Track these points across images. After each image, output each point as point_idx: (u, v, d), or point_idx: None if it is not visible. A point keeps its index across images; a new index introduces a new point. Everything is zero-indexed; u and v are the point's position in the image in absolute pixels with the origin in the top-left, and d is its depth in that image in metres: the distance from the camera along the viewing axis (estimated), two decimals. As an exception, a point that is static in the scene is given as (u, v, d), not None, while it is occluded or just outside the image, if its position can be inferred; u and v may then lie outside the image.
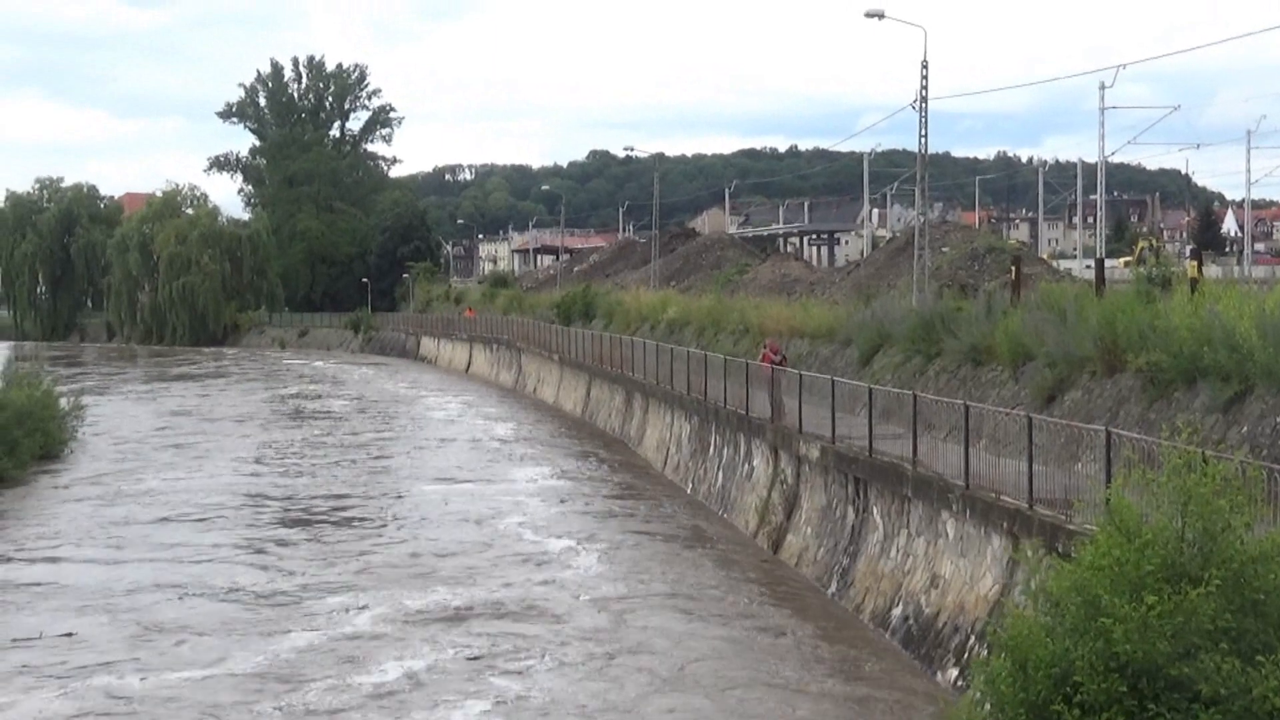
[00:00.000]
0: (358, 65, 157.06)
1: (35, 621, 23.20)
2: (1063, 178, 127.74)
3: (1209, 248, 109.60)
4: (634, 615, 23.57)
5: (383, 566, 27.59)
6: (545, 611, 23.76)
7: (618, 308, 69.27)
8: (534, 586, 25.68)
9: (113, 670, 20.45)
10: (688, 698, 19.07)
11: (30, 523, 33.38)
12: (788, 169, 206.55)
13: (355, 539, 30.93)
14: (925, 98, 40.69)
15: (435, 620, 23.13)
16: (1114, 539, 12.05)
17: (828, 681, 19.82)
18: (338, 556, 28.65)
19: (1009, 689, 11.96)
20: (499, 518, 33.11)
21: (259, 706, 18.64)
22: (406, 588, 25.48)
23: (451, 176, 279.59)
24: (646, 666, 20.51)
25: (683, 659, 20.85)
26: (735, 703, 18.87)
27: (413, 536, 30.99)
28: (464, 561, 28.03)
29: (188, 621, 23.27)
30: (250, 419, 59.06)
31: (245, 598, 25.07)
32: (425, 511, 34.34)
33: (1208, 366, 20.59)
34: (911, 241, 50.54)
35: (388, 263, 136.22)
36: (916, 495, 22.21)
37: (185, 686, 19.60)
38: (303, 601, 24.57)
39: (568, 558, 28.39)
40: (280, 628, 22.73)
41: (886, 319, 36.31)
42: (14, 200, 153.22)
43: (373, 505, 35.79)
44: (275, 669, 20.31)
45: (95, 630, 22.75)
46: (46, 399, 46.19)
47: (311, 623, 22.99)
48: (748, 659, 20.99)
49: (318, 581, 26.23)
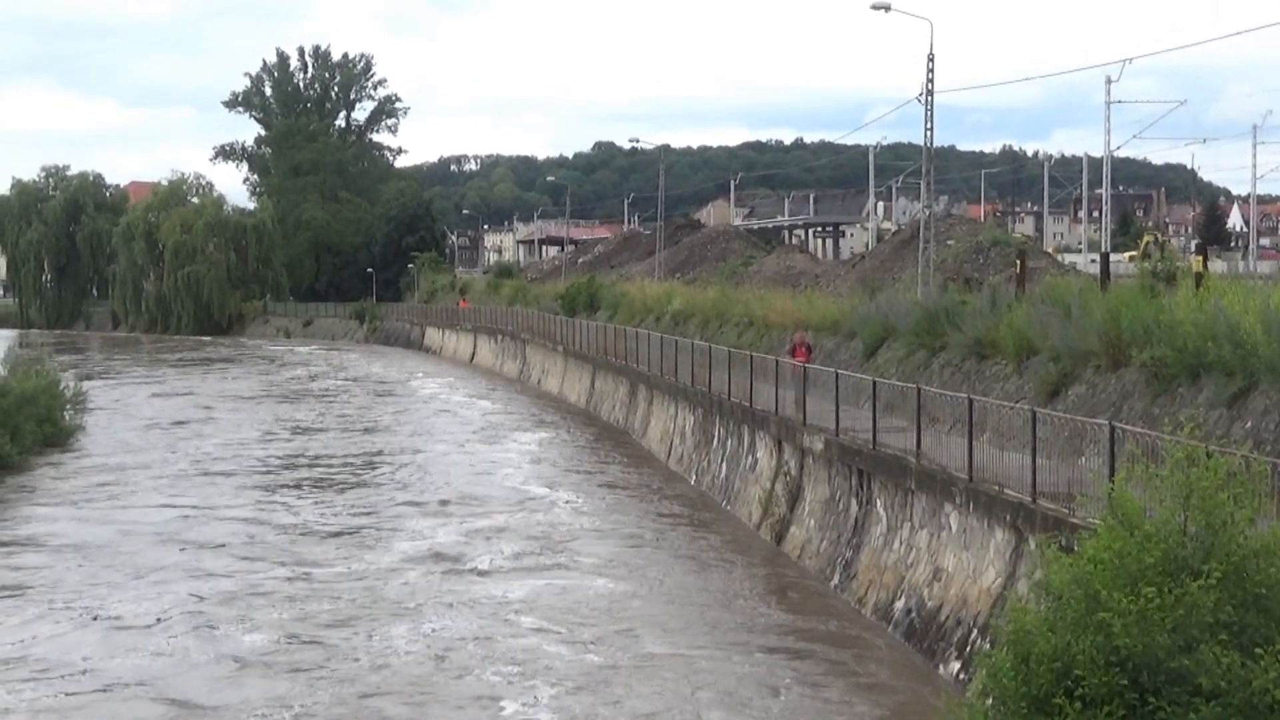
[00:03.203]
0: (363, 55, 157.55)
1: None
2: (1068, 172, 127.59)
3: (1214, 242, 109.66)
4: (628, 609, 23.62)
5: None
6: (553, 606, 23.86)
7: (622, 299, 69.26)
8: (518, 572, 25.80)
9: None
10: (681, 693, 19.08)
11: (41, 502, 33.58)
12: (793, 161, 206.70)
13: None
14: (931, 91, 40.70)
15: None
16: (1116, 532, 12.06)
17: (829, 674, 19.84)
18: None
19: (1011, 682, 11.97)
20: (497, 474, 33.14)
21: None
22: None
23: (457, 167, 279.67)
24: (641, 662, 20.54)
25: (679, 655, 20.85)
26: (735, 701, 18.87)
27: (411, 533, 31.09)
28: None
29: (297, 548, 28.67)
30: (252, 409, 59.18)
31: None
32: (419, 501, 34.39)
33: (1212, 361, 20.58)
34: (916, 235, 50.57)
35: (392, 253, 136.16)
36: (920, 488, 22.23)
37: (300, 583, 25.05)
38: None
39: (563, 546, 28.47)
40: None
41: (891, 312, 36.30)
42: (20, 188, 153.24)
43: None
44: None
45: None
46: (50, 385, 46.22)
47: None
48: (747, 650, 21.01)
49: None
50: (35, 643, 21.43)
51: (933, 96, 40.76)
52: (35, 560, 27.66)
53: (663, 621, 22.69)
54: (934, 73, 40.52)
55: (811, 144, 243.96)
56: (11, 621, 22.70)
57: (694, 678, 19.56)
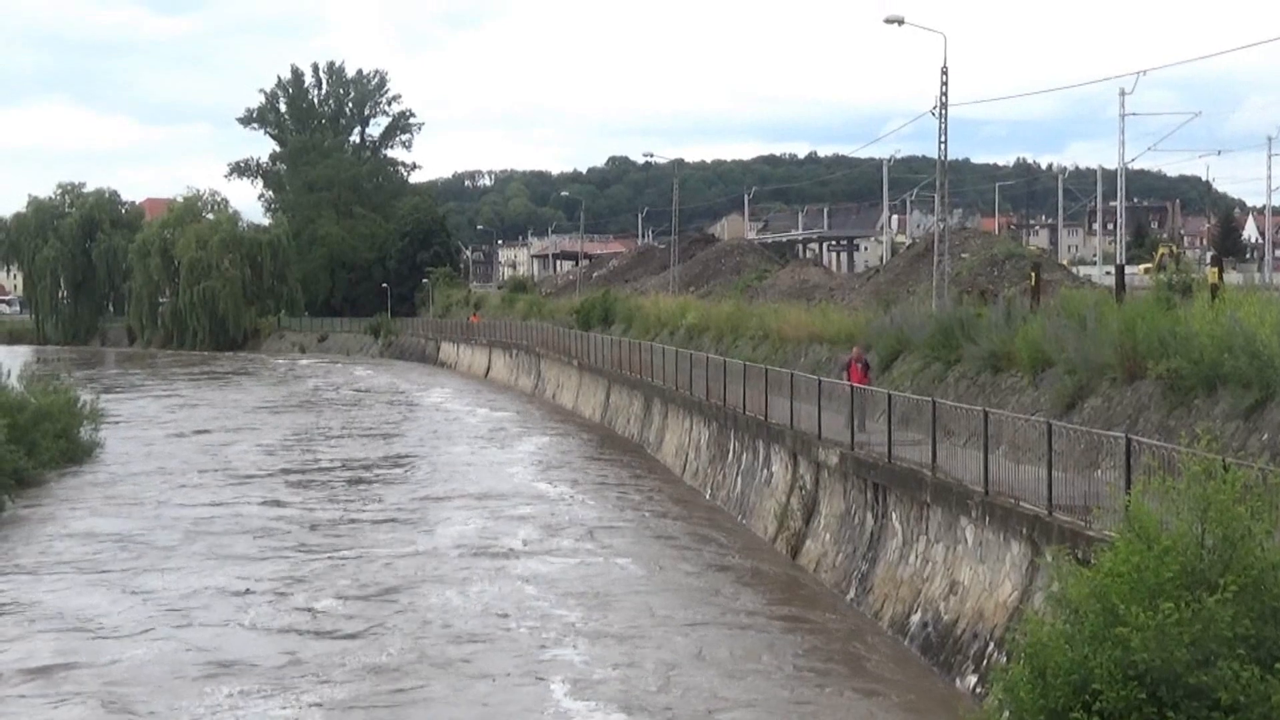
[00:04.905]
0: (378, 71, 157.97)
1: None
2: (1083, 184, 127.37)
3: (1230, 254, 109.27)
4: (643, 627, 23.62)
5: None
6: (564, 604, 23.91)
7: (637, 313, 69.28)
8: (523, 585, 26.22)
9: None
10: (700, 709, 19.06)
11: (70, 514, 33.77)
12: (807, 175, 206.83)
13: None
14: (945, 104, 40.62)
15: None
16: (1133, 545, 12.03)
17: (845, 687, 19.79)
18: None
19: (1028, 696, 11.95)
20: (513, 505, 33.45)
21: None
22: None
23: (471, 182, 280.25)
24: (659, 671, 20.52)
25: (692, 667, 20.84)
26: (751, 714, 18.84)
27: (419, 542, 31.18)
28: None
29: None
30: (268, 423, 59.33)
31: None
32: (435, 524, 34.48)
33: (1228, 373, 20.51)
34: (931, 248, 50.47)
35: (407, 268, 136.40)
36: (935, 501, 22.18)
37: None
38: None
39: (579, 560, 28.48)
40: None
41: (906, 325, 36.27)
42: (36, 205, 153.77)
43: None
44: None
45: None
46: (68, 401, 46.28)
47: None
48: (765, 665, 20.97)
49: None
50: (137, 618, 24.13)
51: (946, 110, 40.71)
52: (100, 548, 30.48)
53: (667, 630, 22.68)
54: (948, 86, 40.49)
55: (826, 158, 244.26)
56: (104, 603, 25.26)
57: (699, 695, 19.53)
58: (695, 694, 19.45)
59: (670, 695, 19.42)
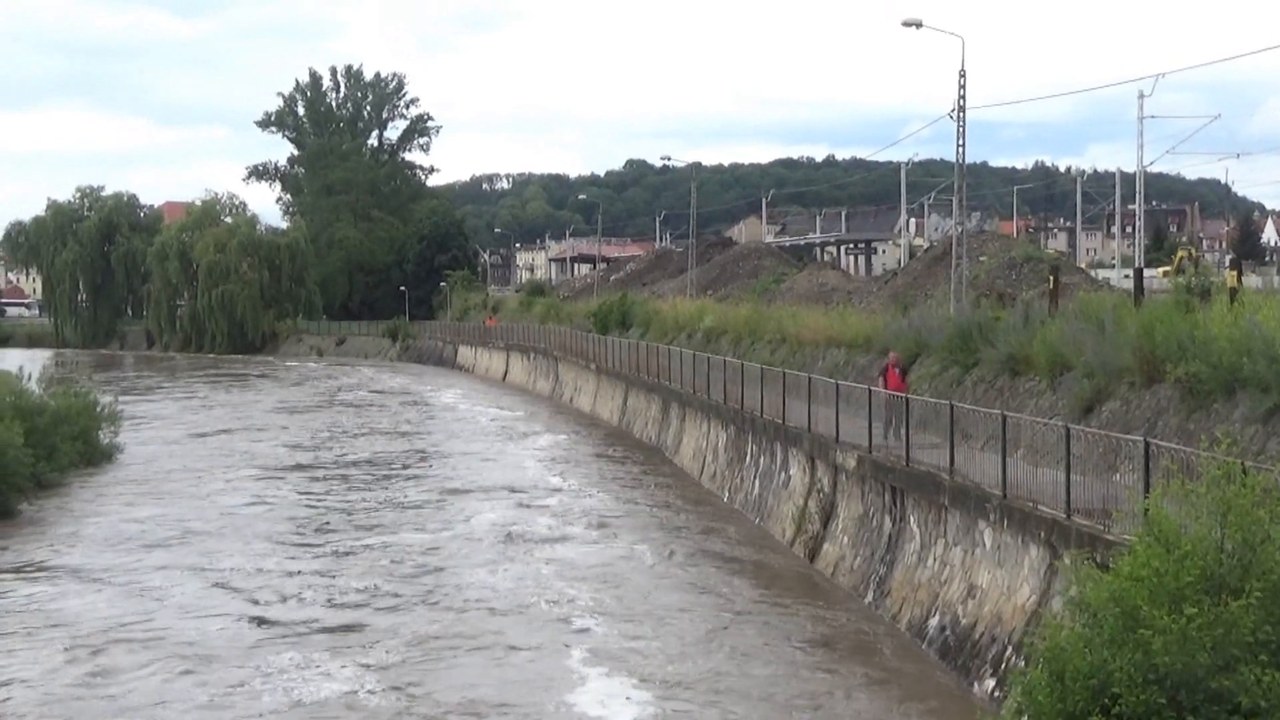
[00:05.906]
0: (395, 74, 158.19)
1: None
2: (1101, 187, 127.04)
3: (1249, 257, 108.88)
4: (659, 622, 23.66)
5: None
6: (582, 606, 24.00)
7: (654, 317, 69.25)
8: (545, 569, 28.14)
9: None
10: (715, 708, 19.07)
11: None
12: (825, 178, 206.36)
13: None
14: (963, 107, 40.57)
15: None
16: (1153, 550, 12.01)
17: (863, 690, 19.78)
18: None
19: (1046, 700, 11.93)
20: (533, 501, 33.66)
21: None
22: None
23: (489, 185, 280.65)
24: (673, 677, 20.54)
25: (711, 670, 20.84)
26: (770, 713, 18.84)
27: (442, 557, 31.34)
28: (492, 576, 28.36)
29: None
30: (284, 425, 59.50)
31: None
32: (453, 518, 34.59)
33: (1247, 377, 20.46)
34: (949, 251, 50.44)
35: (425, 271, 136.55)
36: (954, 505, 22.15)
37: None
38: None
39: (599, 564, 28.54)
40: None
41: (924, 328, 36.22)
42: (55, 209, 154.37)
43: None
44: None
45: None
46: (87, 404, 46.35)
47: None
48: (782, 668, 20.96)
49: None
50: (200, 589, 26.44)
51: (964, 113, 40.65)
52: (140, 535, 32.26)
53: (680, 631, 22.70)
54: (966, 89, 40.43)
55: (843, 161, 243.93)
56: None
57: (717, 695, 19.55)
58: (695, 693, 19.48)
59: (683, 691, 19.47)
